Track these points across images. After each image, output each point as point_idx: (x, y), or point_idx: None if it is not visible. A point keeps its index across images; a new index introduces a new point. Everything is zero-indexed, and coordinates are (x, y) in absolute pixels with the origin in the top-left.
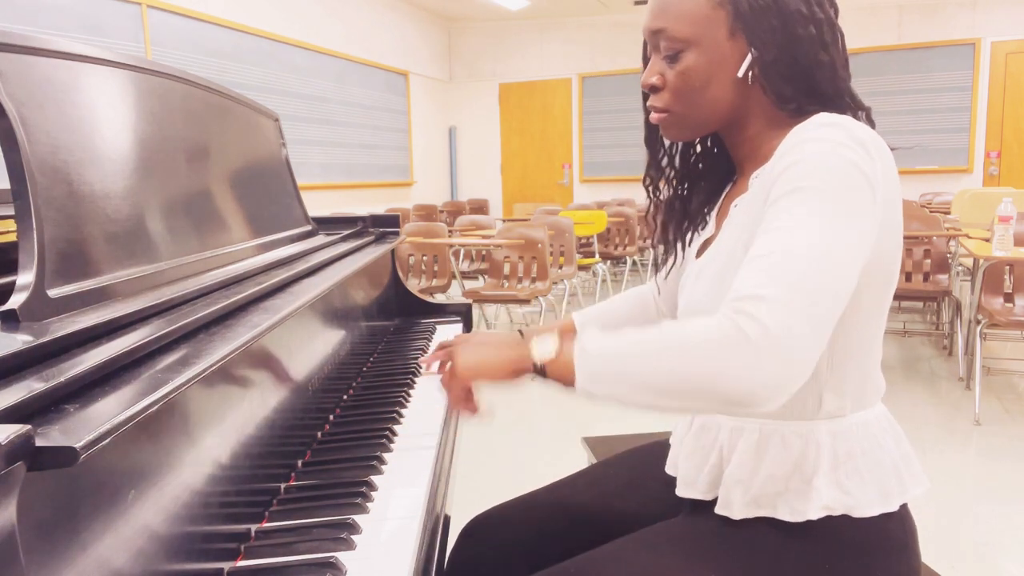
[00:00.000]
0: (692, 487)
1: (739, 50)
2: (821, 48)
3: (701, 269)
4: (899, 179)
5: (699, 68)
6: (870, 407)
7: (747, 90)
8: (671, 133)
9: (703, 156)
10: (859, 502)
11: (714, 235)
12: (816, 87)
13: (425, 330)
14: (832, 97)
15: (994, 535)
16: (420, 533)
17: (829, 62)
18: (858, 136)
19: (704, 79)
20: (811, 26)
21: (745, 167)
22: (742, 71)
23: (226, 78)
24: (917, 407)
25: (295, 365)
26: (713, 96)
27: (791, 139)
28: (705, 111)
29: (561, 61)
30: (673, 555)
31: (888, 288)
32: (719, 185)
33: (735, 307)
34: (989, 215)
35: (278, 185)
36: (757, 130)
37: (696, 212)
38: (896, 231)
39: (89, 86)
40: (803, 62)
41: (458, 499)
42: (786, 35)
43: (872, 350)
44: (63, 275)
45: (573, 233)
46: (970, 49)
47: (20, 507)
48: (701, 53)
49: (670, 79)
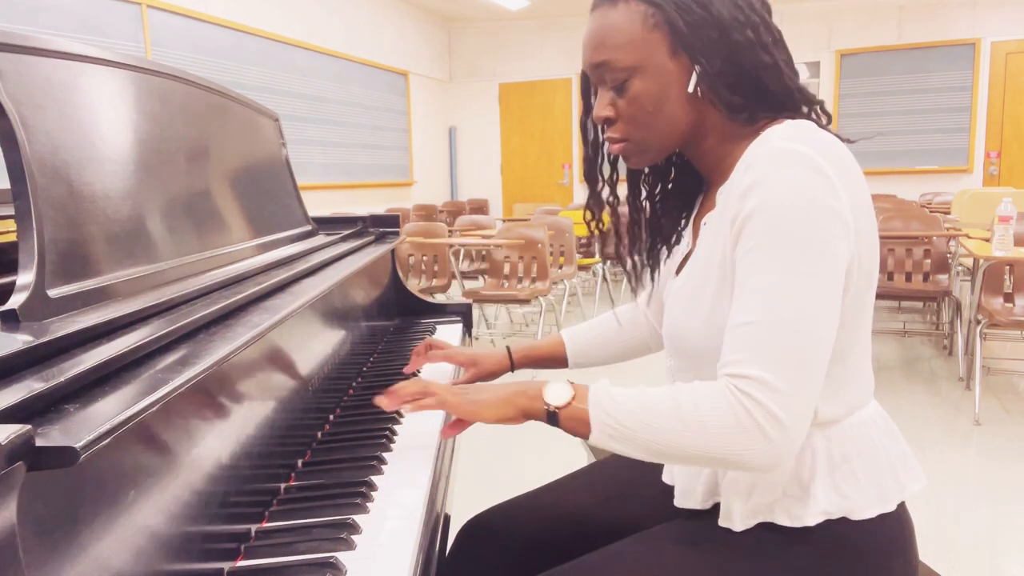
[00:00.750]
0: (689, 498)
1: (684, 67)
2: (762, 50)
3: (678, 289)
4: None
5: (648, 92)
6: (863, 406)
7: (699, 105)
8: (634, 161)
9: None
10: (857, 504)
11: (691, 251)
12: (764, 89)
13: (425, 330)
14: (782, 97)
15: (994, 535)
16: (420, 533)
17: (772, 62)
18: (814, 162)
19: (655, 102)
20: (748, 30)
21: (714, 178)
22: (691, 87)
23: (226, 78)
24: (917, 407)
25: (295, 365)
26: (668, 116)
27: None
28: (662, 132)
29: (561, 61)
30: (673, 558)
31: (869, 291)
32: (690, 199)
33: (740, 388)
34: (989, 215)
35: (278, 185)
36: (714, 142)
37: (669, 230)
38: (871, 236)
39: (89, 86)
40: (747, 67)
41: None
42: (726, 44)
43: (860, 352)
44: (63, 275)
45: (573, 233)
46: (970, 49)
47: (20, 507)
48: (647, 77)
49: (622, 109)
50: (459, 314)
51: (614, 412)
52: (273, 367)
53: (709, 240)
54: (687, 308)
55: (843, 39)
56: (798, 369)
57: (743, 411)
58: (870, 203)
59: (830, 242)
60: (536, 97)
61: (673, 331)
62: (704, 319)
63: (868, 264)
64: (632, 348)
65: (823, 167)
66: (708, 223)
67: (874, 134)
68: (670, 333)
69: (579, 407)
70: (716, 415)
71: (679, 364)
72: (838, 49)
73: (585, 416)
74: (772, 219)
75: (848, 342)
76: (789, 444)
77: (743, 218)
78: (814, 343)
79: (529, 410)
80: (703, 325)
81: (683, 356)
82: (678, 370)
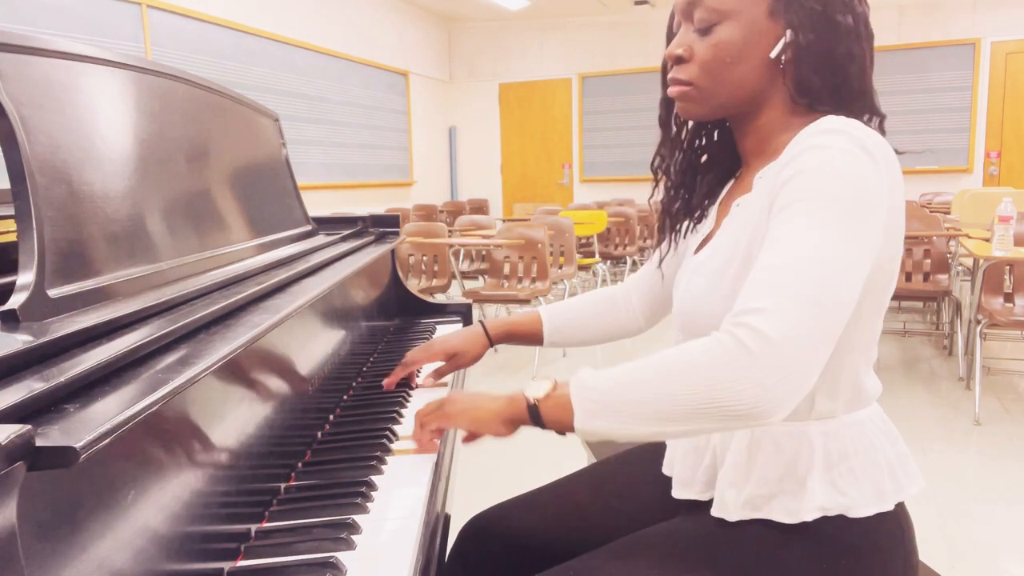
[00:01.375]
0: (688, 488)
1: (776, 31)
2: (855, 40)
3: (699, 265)
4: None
5: (733, 43)
6: (865, 407)
7: (773, 75)
8: (689, 108)
9: (709, 147)
10: (854, 502)
11: (713, 231)
12: (844, 81)
13: (425, 330)
14: (855, 95)
15: (994, 535)
16: (420, 533)
17: (861, 55)
18: (863, 143)
19: (736, 55)
20: (850, 16)
21: (750, 162)
22: (775, 52)
23: (226, 78)
24: (917, 407)
25: (295, 365)
26: (740, 75)
27: (797, 145)
28: (728, 89)
29: (561, 61)
30: (671, 556)
31: (887, 291)
32: (722, 179)
33: (734, 322)
34: (989, 215)
35: (278, 185)
36: (768, 120)
37: (697, 205)
38: (898, 236)
39: (89, 86)
40: (837, 52)
41: (458, 498)
42: (825, 20)
43: (867, 352)
44: (63, 275)
45: (573, 233)
46: (970, 49)
47: (20, 507)
48: (737, 28)
49: (699, 51)
50: (459, 314)
51: (594, 386)
52: (273, 367)
53: (740, 221)
54: (705, 285)
55: None
56: (803, 304)
57: (728, 337)
58: (903, 207)
59: (862, 213)
60: (536, 97)
61: (688, 306)
62: (722, 297)
63: (890, 265)
64: (610, 331)
65: (870, 148)
66: (741, 204)
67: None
68: (684, 308)
69: (559, 393)
70: (700, 348)
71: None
72: None
73: (566, 400)
74: (812, 178)
75: (856, 338)
76: (780, 367)
77: (781, 182)
78: (826, 290)
79: (515, 415)
80: (719, 302)
81: (694, 333)
82: None
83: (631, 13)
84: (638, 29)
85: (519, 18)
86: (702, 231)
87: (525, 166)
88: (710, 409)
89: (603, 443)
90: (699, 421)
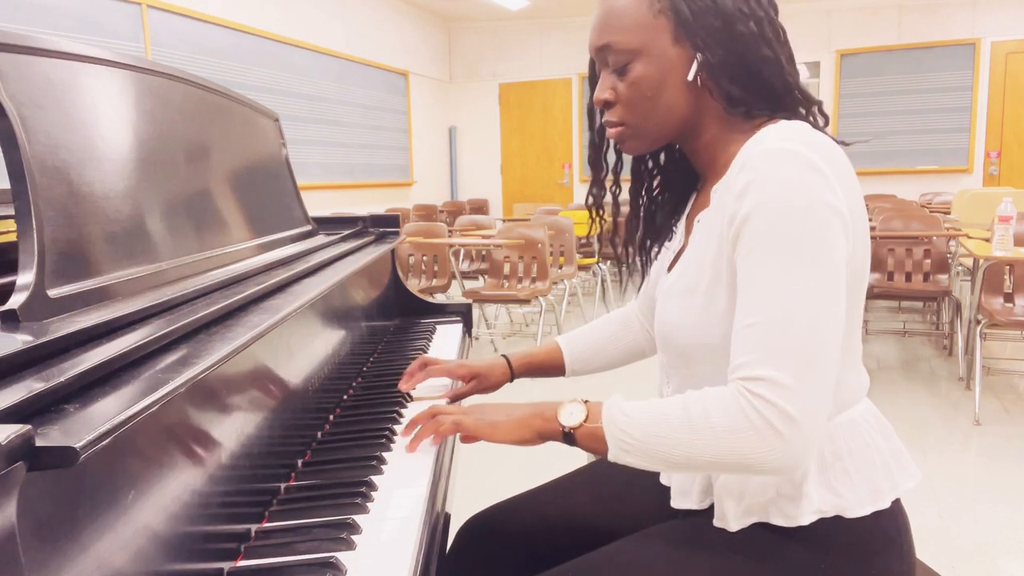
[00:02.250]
0: (686, 498)
1: (686, 55)
2: (764, 44)
3: (671, 286)
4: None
5: (649, 76)
6: (854, 405)
7: (698, 95)
8: (629, 146)
9: (658, 170)
10: (850, 503)
11: (683, 248)
12: (764, 84)
13: (425, 330)
14: (781, 94)
15: (994, 535)
16: (420, 532)
17: (774, 58)
18: (808, 158)
19: (655, 87)
20: (752, 23)
21: (706, 175)
22: (691, 75)
23: (226, 78)
24: (917, 407)
25: (295, 365)
26: (666, 103)
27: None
28: (659, 119)
29: (561, 61)
30: (669, 558)
31: (860, 288)
32: (683, 196)
33: (751, 390)
34: (989, 215)
35: (278, 185)
36: (711, 135)
37: (662, 226)
38: (864, 237)
39: (89, 86)
40: (749, 59)
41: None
42: (729, 34)
43: (851, 350)
44: (63, 275)
45: (573, 233)
46: (970, 49)
47: (20, 507)
48: (649, 62)
49: (622, 92)
50: (459, 314)
51: (627, 427)
52: (273, 367)
53: (703, 237)
54: (679, 305)
55: (843, 39)
56: (808, 367)
57: (754, 413)
58: (863, 205)
59: (829, 238)
60: (536, 97)
61: (664, 327)
62: (696, 316)
63: (860, 264)
64: (628, 353)
65: (819, 165)
66: (702, 220)
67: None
68: (661, 330)
69: (593, 425)
70: (727, 420)
71: (670, 361)
72: (838, 49)
73: (600, 434)
74: (771, 218)
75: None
76: (804, 441)
77: (741, 218)
78: (821, 339)
79: (545, 432)
80: (694, 322)
81: (674, 353)
82: (670, 367)
83: None
84: None
85: (519, 18)
86: (672, 247)
87: (525, 166)
88: (740, 470)
89: None
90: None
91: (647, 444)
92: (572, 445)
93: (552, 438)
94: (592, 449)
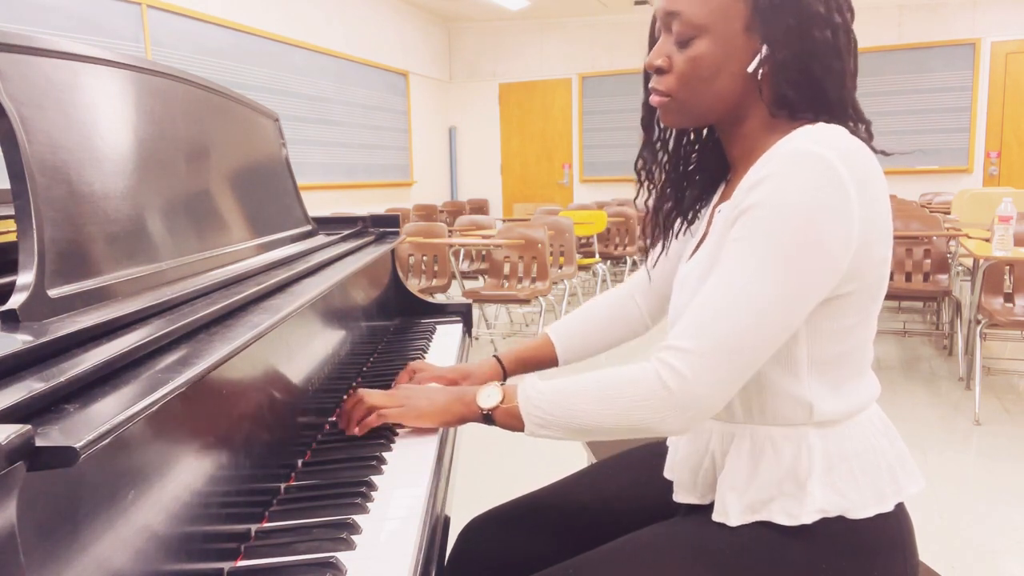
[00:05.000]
0: (688, 492)
1: (752, 45)
2: (835, 55)
3: (686, 275)
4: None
5: (709, 57)
6: (863, 410)
7: (751, 87)
8: (669, 119)
9: (698, 148)
10: (854, 504)
11: (704, 237)
12: (820, 94)
13: (425, 330)
14: (835, 107)
15: (994, 535)
16: (420, 533)
17: (840, 70)
18: (835, 169)
19: (713, 69)
20: (828, 30)
21: (738, 167)
22: (752, 67)
23: (226, 78)
24: (917, 407)
25: (295, 365)
26: (718, 88)
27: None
28: (707, 102)
29: (561, 61)
30: (671, 556)
31: (878, 295)
32: (713, 182)
33: (660, 356)
34: (989, 215)
35: (278, 185)
36: (751, 128)
37: (688, 206)
38: (886, 241)
39: (89, 86)
40: (814, 66)
41: (458, 499)
42: (801, 36)
43: (863, 355)
44: (63, 275)
45: (573, 233)
46: (970, 49)
47: (20, 507)
48: (714, 42)
49: (677, 63)
50: (459, 314)
51: (540, 402)
52: (273, 367)
53: (717, 230)
54: (688, 297)
55: None
56: (725, 352)
57: (653, 375)
58: (888, 214)
59: (815, 252)
60: (536, 97)
61: (677, 316)
62: None
63: (877, 278)
64: (621, 337)
65: (840, 173)
66: (722, 212)
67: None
68: (673, 318)
69: (509, 405)
70: (628, 381)
71: None
72: None
73: (516, 411)
74: (768, 216)
75: (851, 345)
76: (691, 406)
77: (743, 208)
78: (755, 340)
79: (465, 415)
80: None
81: None
82: None
83: (631, 13)
84: (638, 29)
85: (519, 18)
86: (696, 235)
87: (525, 166)
88: (635, 430)
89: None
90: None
91: (557, 417)
92: (491, 425)
93: (472, 419)
94: (510, 426)
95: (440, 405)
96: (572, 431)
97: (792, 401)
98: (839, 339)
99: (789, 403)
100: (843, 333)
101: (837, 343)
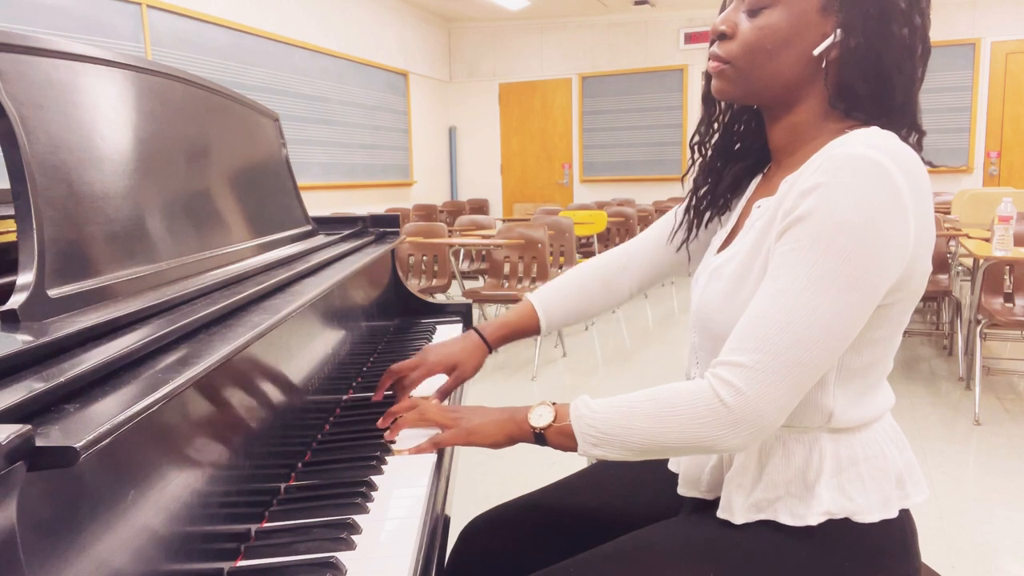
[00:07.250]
0: (694, 486)
1: (824, 27)
2: (908, 55)
3: (718, 267)
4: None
5: (779, 30)
6: (878, 419)
7: (813, 72)
8: (722, 87)
9: (742, 135)
10: (860, 508)
11: (736, 230)
12: (886, 91)
13: (425, 330)
14: (895, 110)
15: (994, 535)
16: (420, 533)
17: (911, 72)
18: (894, 180)
19: (778, 43)
20: (906, 28)
21: (780, 160)
22: (819, 49)
23: (226, 78)
24: (917, 407)
25: (295, 365)
26: (779, 64)
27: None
28: (765, 77)
29: (561, 61)
30: (672, 556)
31: (911, 307)
32: (749, 173)
33: (717, 374)
34: (989, 215)
35: (278, 185)
36: (802, 118)
37: (720, 195)
38: (926, 261)
39: (89, 86)
40: (885, 61)
41: (458, 500)
42: (878, 27)
43: (886, 366)
44: (63, 275)
45: (573, 233)
46: (970, 49)
47: (20, 507)
48: (786, 15)
49: (744, 31)
50: (459, 314)
51: (594, 422)
52: (273, 367)
53: (761, 225)
54: (723, 289)
55: None
56: (784, 366)
57: (711, 393)
58: (934, 226)
59: (875, 264)
60: (536, 97)
61: (704, 309)
62: (739, 305)
63: (917, 286)
64: (601, 307)
65: (899, 184)
66: (762, 207)
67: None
68: (702, 312)
69: (561, 424)
70: (687, 401)
71: (703, 344)
72: None
73: (569, 430)
74: (824, 226)
75: (879, 356)
76: (752, 423)
77: (796, 216)
78: (813, 356)
79: (516, 435)
80: (735, 309)
81: (708, 335)
82: (701, 349)
83: (631, 13)
84: (638, 29)
85: (519, 18)
86: (726, 226)
87: (525, 166)
88: (692, 447)
89: None
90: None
91: (613, 436)
92: (543, 445)
93: (524, 440)
94: (563, 446)
95: (492, 423)
96: (627, 450)
97: (813, 408)
98: (870, 350)
99: (810, 410)
100: (875, 344)
101: (868, 354)
